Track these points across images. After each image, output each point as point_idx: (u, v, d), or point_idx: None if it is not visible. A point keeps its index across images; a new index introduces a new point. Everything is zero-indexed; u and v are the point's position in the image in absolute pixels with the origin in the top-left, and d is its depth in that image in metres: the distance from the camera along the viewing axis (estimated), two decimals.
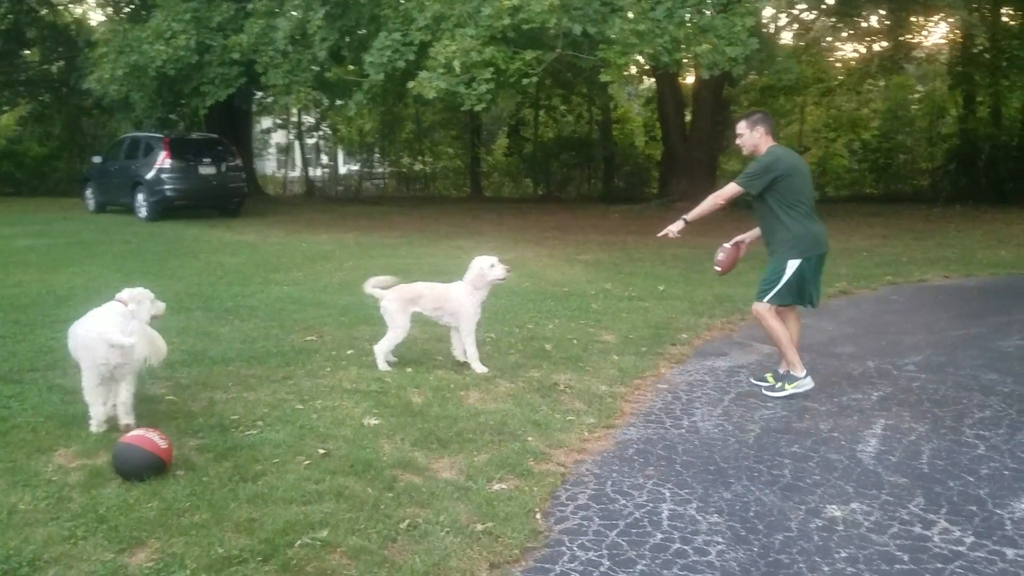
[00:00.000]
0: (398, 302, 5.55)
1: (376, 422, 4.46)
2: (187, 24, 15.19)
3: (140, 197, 16.76)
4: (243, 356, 5.81)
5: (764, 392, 5.29)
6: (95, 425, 4.19)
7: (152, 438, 3.63)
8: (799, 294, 5.26)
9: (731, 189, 5.27)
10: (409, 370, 5.51)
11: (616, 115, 28.15)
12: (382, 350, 5.59)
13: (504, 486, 3.69)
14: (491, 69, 11.06)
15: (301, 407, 4.70)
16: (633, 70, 18.56)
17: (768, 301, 5.22)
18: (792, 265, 5.15)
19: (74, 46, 24.37)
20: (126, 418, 4.15)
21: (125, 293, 4.52)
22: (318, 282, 9.32)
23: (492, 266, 5.48)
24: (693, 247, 10.88)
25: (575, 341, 6.52)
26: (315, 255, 11.66)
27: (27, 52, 26.73)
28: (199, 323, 6.88)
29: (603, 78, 11.60)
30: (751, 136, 5.28)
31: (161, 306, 4.70)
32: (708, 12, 11.34)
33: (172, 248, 12.11)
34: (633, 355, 6.11)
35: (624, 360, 5.96)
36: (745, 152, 5.44)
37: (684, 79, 22.31)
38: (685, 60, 12.32)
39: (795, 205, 5.15)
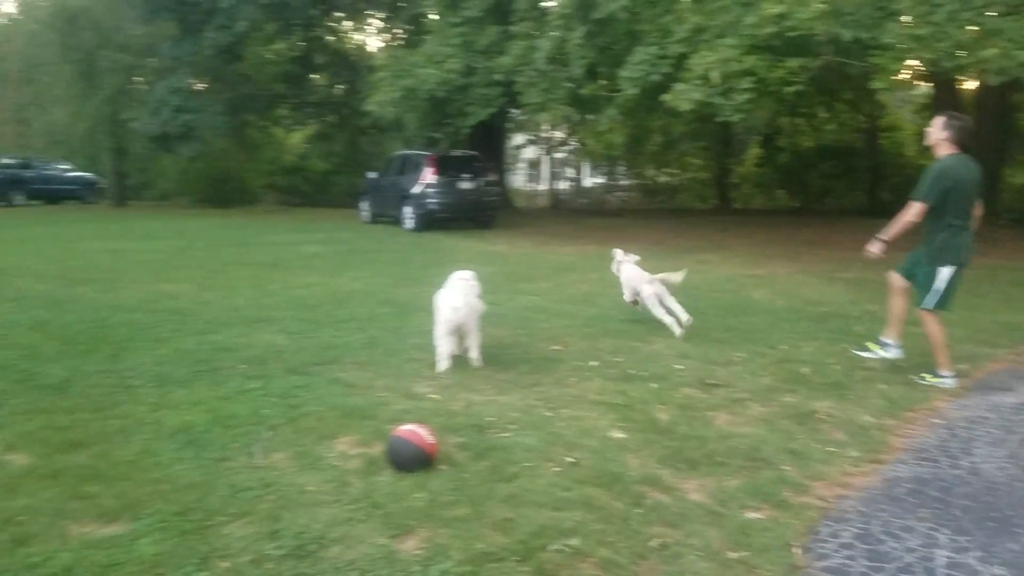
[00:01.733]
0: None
1: (622, 436, 4.49)
2: (456, 48, 16.31)
3: (407, 210, 18.24)
4: (495, 361, 6.09)
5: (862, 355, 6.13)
6: (442, 364, 5.77)
7: (422, 433, 3.92)
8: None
9: (914, 208, 5.64)
10: (654, 386, 5.47)
11: (884, 122, 26.04)
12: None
13: (759, 515, 3.54)
14: (751, 79, 10.74)
15: (549, 414, 4.84)
16: (906, 75, 17.09)
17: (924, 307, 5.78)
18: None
19: (356, 71, 27.07)
20: (478, 361, 5.89)
21: (465, 272, 6.10)
22: (563, 293, 9.54)
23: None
24: (973, 268, 9.75)
25: (836, 366, 6.11)
26: (560, 266, 11.96)
27: (315, 77, 30.13)
28: None
29: (875, 85, 10.84)
30: (933, 134, 5.75)
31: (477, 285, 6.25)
32: (995, 14, 10.18)
33: (433, 257, 13.01)
34: (903, 384, 5.61)
35: (892, 390, 5.49)
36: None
37: (963, 85, 20.17)
38: (968, 66, 11.16)
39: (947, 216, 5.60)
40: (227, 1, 22.39)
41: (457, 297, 5.79)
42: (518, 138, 33.74)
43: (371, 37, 30.64)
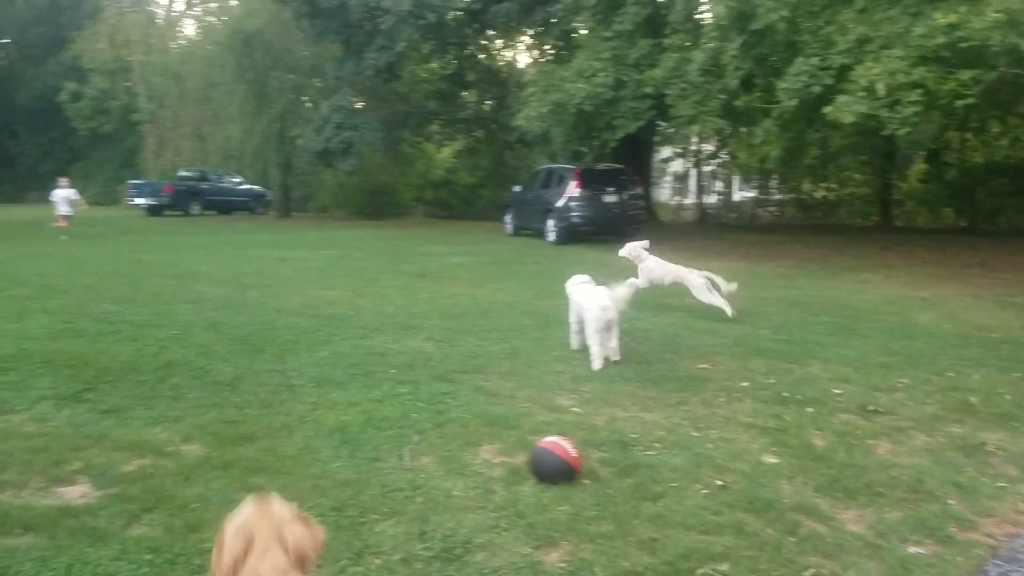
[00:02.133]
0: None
1: (775, 461, 4.32)
2: (607, 63, 16.31)
3: (550, 223, 18.42)
4: (639, 377, 6.02)
5: None
6: (596, 363, 6.20)
7: (566, 446, 3.93)
8: None
9: None
10: (810, 410, 5.23)
11: None
12: None
13: (921, 550, 3.32)
14: (919, 91, 10.11)
15: (696, 434, 4.73)
16: None
17: None
18: None
19: (505, 87, 27.63)
20: (616, 352, 6.33)
21: (582, 276, 6.91)
22: (710, 310, 9.29)
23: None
24: None
25: (1007, 396, 5.62)
26: None
27: (465, 93, 31.00)
28: None
29: None
30: None
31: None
32: None
33: (574, 270, 12.76)
34: None
35: None
36: None
37: None
38: None
39: None
40: (388, 23, 23.48)
41: (603, 296, 6.31)
42: (665, 151, 33.25)
43: (521, 53, 31.24)
